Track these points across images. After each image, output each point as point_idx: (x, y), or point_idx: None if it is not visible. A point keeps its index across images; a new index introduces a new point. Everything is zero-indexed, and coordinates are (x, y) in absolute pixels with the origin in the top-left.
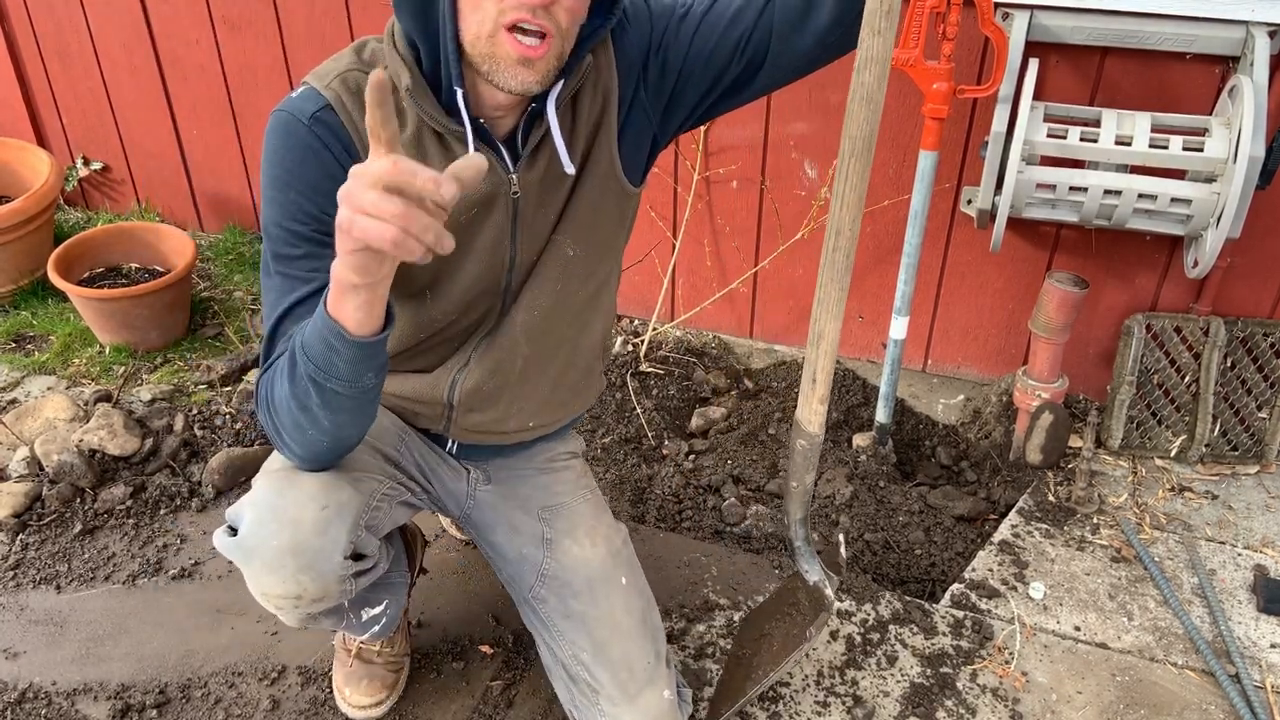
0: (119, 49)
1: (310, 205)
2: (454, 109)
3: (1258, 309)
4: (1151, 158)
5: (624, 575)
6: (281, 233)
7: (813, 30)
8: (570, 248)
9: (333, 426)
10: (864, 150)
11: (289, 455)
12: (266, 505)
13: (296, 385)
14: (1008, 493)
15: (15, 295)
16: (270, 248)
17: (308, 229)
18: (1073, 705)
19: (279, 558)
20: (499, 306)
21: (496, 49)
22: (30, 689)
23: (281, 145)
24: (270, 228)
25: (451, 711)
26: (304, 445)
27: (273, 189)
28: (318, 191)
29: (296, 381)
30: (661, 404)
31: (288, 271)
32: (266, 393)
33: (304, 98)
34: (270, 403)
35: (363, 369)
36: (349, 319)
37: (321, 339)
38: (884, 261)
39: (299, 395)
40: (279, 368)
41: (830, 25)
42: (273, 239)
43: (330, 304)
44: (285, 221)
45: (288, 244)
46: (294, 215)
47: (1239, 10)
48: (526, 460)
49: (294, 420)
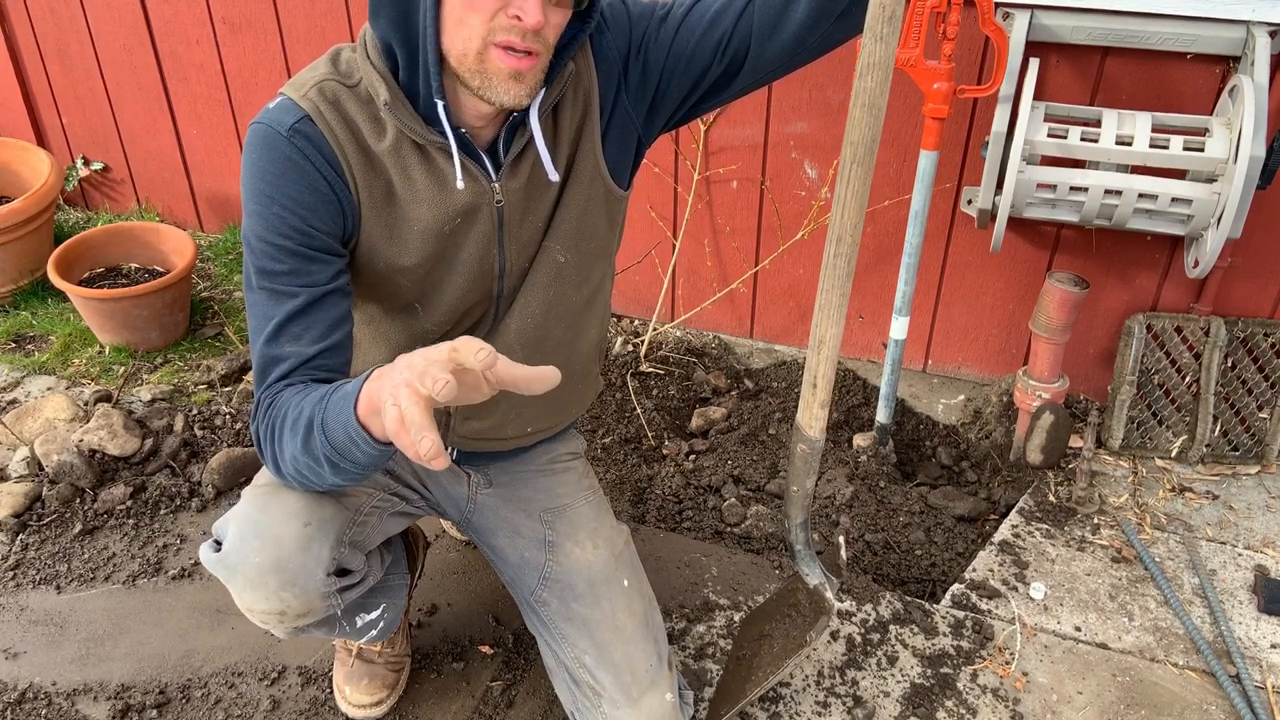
0: (119, 49)
1: (295, 219)
2: (433, 118)
3: (1258, 309)
4: (1152, 158)
5: (626, 577)
6: (266, 247)
7: (791, 30)
8: (561, 254)
9: (331, 484)
10: (865, 156)
11: (281, 480)
12: (249, 521)
13: (310, 453)
14: (1008, 493)
15: (15, 295)
16: (254, 261)
17: (293, 243)
18: (1073, 705)
19: (260, 575)
20: (492, 314)
21: (487, 65)
22: (30, 689)
23: (262, 159)
24: (254, 241)
25: (451, 711)
26: (300, 482)
27: (255, 203)
28: (301, 205)
29: (310, 451)
30: (661, 404)
31: (274, 287)
32: (273, 434)
33: (281, 109)
34: (276, 444)
35: (380, 460)
36: (378, 430)
37: (345, 434)
38: (884, 262)
39: (310, 460)
40: (290, 423)
41: (809, 25)
42: (256, 253)
43: (361, 410)
44: (270, 236)
45: (272, 259)
46: (278, 230)
47: (1239, 10)
48: (527, 462)
49: (297, 470)
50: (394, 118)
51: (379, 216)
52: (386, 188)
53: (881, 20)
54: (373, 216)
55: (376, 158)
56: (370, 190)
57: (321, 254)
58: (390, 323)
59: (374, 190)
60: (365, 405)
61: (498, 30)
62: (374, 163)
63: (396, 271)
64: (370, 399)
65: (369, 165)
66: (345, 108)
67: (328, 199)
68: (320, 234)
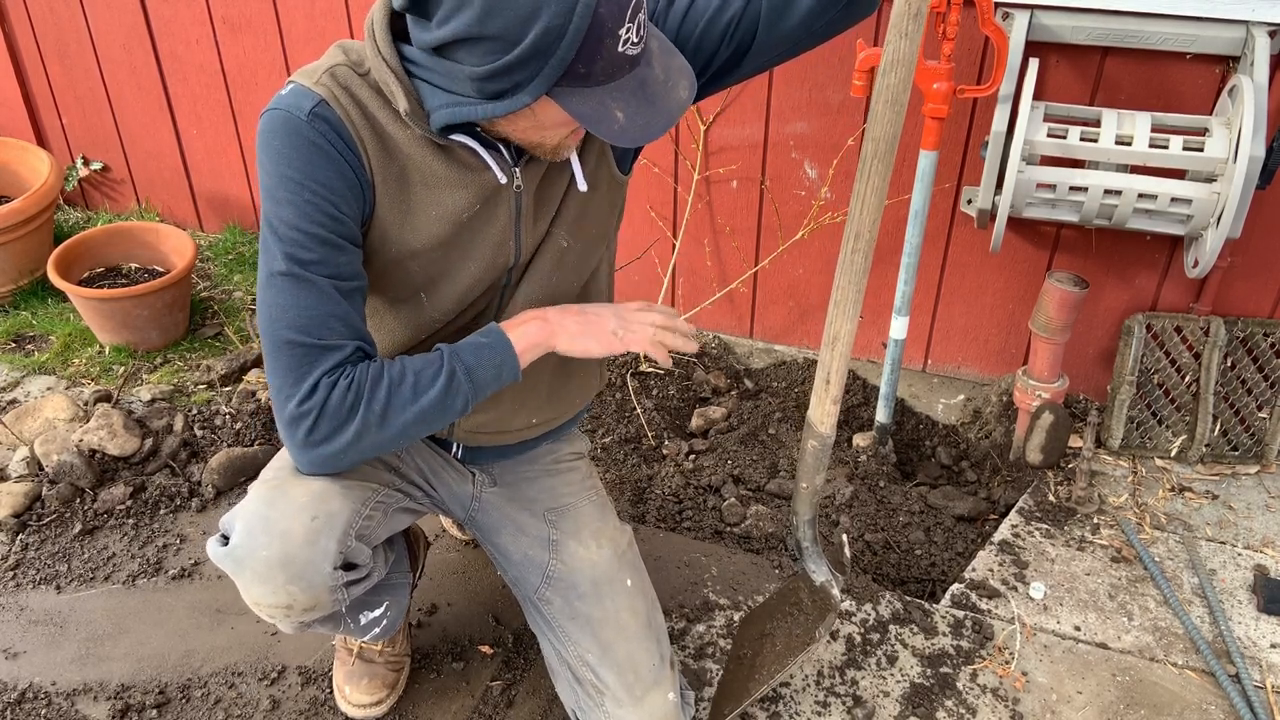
0: (119, 49)
1: (328, 205)
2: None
3: (1258, 309)
4: (1151, 158)
5: (629, 577)
6: (298, 235)
7: (799, 15)
8: (564, 239)
9: (418, 433)
10: (886, 152)
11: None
12: (257, 516)
13: (447, 401)
14: (1008, 493)
15: (15, 295)
16: (282, 249)
17: (325, 230)
18: (1073, 705)
19: (268, 569)
20: (496, 303)
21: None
22: (30, 689)
23: (286, 145)
24: (282, 230)
25: (451, 711)
26: (366, 446)
27: (284, 190)
28: (332, 191)
29: (450, 399)
30: (661, 404)
31: (306, 275)
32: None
33: (296, 94)
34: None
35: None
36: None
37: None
38: (884, 261)
39: (434, 409)
40: (423, 379)
41: (816, 12)
42: (285, 241)
43: (521, 346)
44: (302, 224)
45: (303, 247)
46: (311, 217)
47: (1239, 10)
48: (532, 461)
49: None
50: (414, 125)
51: (394, 201)
52: (401, 172)
53: (907, 17)
54: (387, 200)
55: (392, 141)
56: (385, 174)
57: (348, 243)
58: (393, 315)
59: (389, 174)
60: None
61: (564, 147)
62: (389, 147)
63: (408, 256)
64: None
65: (384, 149)
66: (358, 93)
67: (352, 184)
68: (349, 220)
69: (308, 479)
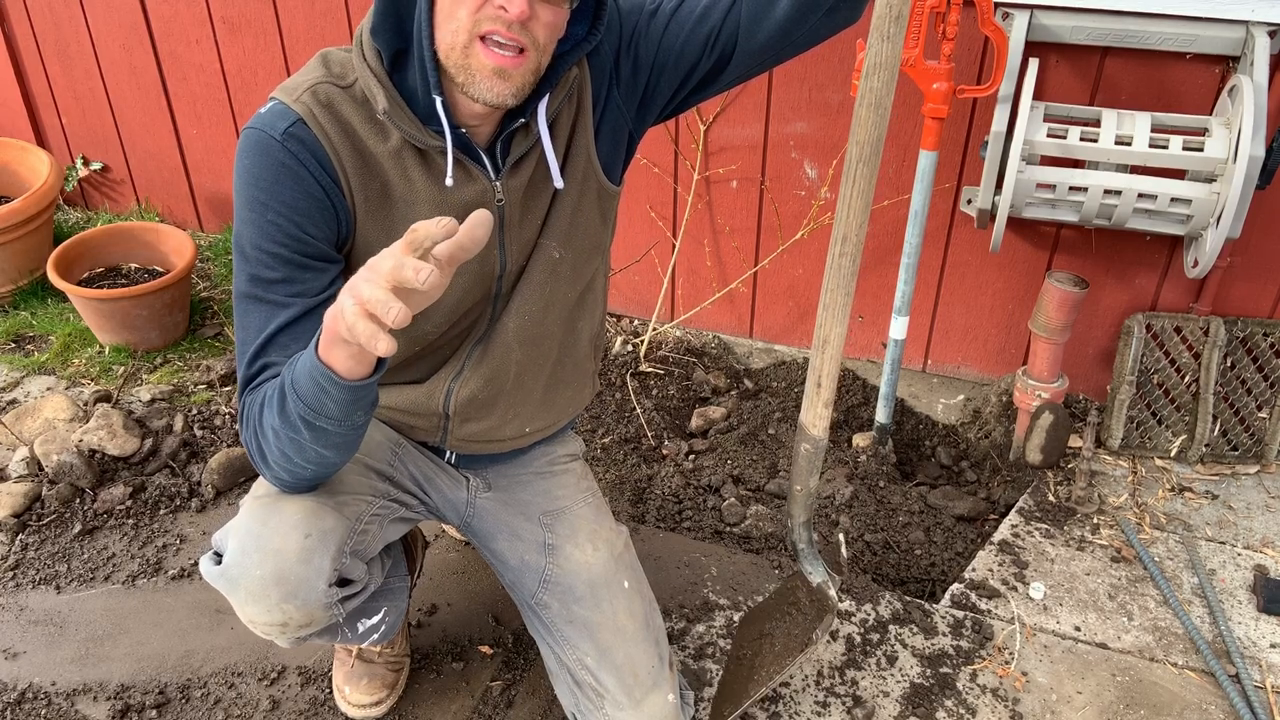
0: (119, 49)
1: (290, 225)
2: (431, 117)
3: (1258, 309)
4: (1151, 158)
5: (626, 579)
6: (260, 255)
7: (778, 23)
8: (556, 250)
9: (318, 457)
10: (871, 156)
11: (272, 479)
12: (250, 534)
13: (286, 420)
14: (1008, 493)
15: (15, 295)
16: (246, 269)
17: (287, 250)
18: (1073, 705)
19: (262, 588)
20: (490, 313)
21: (471, 60)
22: (30, 689)
23: (255, 165)
24: (247, 249)
25: (451, 711)
26: (289, 472)
27: (249, 210)
28: (296, 211)
29: (286, 416)
30: (661, 404)
31: (266, 296)
32: (255, 420)
33: (274, 114)
34: (258, 430)
35: (353, 409)
36: (340, 365)
37: (312, 380)
38: (884, 261)
39: (288, 429)
40: (268, 398)
41: (795, 19)
42: (250, 261)
43: (321, 349)
44: (264, 243)
45: (266, 266)
46: (272, 237)
47: (1239, 10)
48: (526, 465)
49: (281, 450)
50: (393, 124)
51: (375, 218)
52: (383, 189)
53: (888, 20)
54: (368, 219)
55: (373, 159)
56: (366, 192)
57: (315, 261)
58: None
59: (369, 192)
60: (324, 341)
61: (483, 21)
62: (370, 164)
63: None
64: (326, 330)
65: (364, 167)
66: (340, 110)
67: (322, 204)
68: (315, 240)
69: (300, 494)
